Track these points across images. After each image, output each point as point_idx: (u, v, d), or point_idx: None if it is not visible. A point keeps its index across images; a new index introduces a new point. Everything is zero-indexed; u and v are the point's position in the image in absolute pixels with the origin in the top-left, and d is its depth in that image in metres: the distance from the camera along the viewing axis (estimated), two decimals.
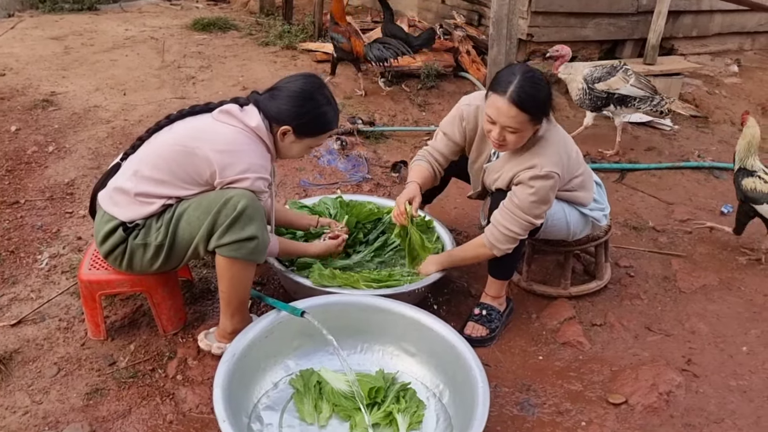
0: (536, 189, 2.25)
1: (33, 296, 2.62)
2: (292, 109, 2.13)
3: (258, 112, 2.14)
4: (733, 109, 5.28)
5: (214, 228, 2.05)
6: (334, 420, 2.08)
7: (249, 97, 2.21)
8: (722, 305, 2.84)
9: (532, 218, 2.31)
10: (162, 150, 2.10)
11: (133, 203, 2.10)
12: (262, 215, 2.09)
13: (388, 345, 2.34)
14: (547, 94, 2.22)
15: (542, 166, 2.25)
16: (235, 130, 2.09)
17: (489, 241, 2.36)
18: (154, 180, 2.09)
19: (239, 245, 2.05)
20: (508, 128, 2.20)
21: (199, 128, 2.11)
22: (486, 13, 5.63)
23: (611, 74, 4.11)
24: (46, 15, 7.16)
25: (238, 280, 2.15)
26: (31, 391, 2.16)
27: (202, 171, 2.06)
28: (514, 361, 2.47)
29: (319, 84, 2.20)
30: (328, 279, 2.41)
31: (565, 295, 2.81)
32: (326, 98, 2.19)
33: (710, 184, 4.08)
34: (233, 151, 2.06)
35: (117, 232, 2.13)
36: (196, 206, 2.08)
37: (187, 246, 2.12)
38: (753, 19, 6.53)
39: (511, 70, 2.22)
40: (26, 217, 3.16)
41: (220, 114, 2.12)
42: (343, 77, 5.13)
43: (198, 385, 2.21)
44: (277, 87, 2.20)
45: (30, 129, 4.06)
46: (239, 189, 2.05)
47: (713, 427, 2.15)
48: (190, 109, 2.19)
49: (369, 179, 3.74)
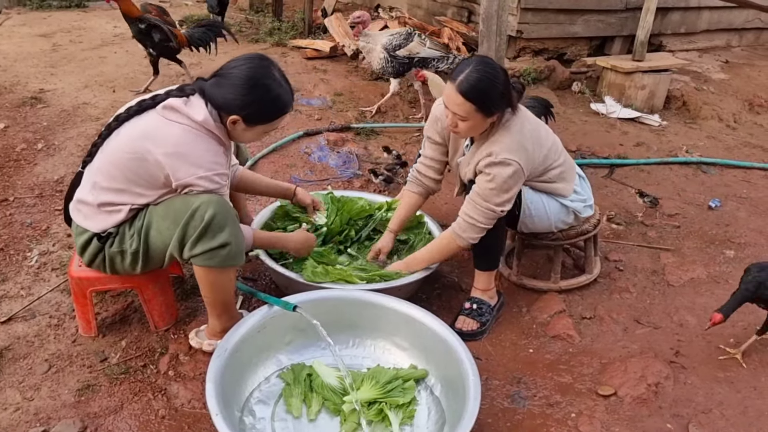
0: (493, 176, 2.28)
1: (23, 293, 2.61)
2: (238, 98, 2.00)
3: (204, 103, 2.03)
4: (720, 105, 5.32)
5: (185, 239, 2.01)
6: (324, 414, 2.09)
7: (194, 84, 2.09)
8: (710, 298, 2.87)
9: (493, 206, 2.33)
10: (114, 158, 2.03)
11: (99, 213, 2.08)
12: (233, 218, 2.04)
13: (379, 340, 2.36)
14: (500, 89, 2.23)
15: (497, 153, 2.29)
16: (182, 128, 1.98)
17: (453, 230, 2.40)
18: (113, 189, 2.04)
19: (212, 254, 2.01)
20: (457, 116, 2.26)
21: (146, 130, 2.00)
22: (476, 9, 5.64)
23: (408, 40, 4.33)
24: (33, 12, 7.12)
25: (218, 285, 2.14)
26: (22, 388, 2.16)
27: (156, 175, 2.00)
28: (505, 354, 2.49)
29: (267, 66, 2.05)
30: (321, 275, 2.41)
31: (555, 289, 2.83)
32: (276, 82, 2.04)
33: (698, 179, 4.11)
34: (182, 153, 1.97)
35: (93, 243, 2.12)
36: (165, 215, 2.03)
37: (163, 253, 2.10)
38: (741, 16, 6.60)
39: (469, 61, 2.27)
40: (15, 214, 3.15)
41: (164, 110, 2.00)
42: (333, 74, 5.14)
43: (190, 381, 2.21)
44: (222, 73, 2.05)
45: (18, 126, 4.04)
46: (204, 196, 1.99)
47: (701, 417, 2.18)
48: (137, 105, 2.05)
49: (360, 175, 3.75)
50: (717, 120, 5.17)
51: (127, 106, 2.10)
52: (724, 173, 4.24)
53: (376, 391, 2.10)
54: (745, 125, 5.18)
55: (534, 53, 5.74)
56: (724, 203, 3.77)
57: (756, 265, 2.42)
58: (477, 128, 2.32)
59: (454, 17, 6.14)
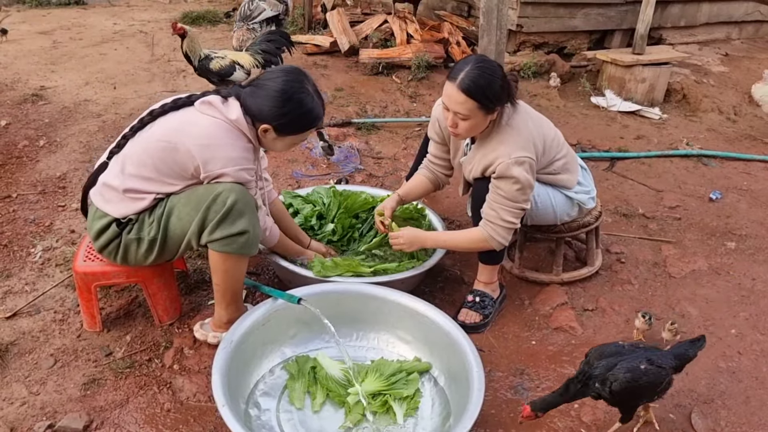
0: (516, 177, 2.29)
1: (27, 289, 2.62)
2: (272, 109, 2.08)
3: (239, 106, 2.10)
4: (720, 98, 5.33)
5: (205, 224, 2.05)
6: (328, 406, 2.10)
7: (231, 89, 2.17)
8: (711, 289, 2.88)
9: (522, 204, 2.36)
10: (146, 146, 2.09)
11: (123, 199, 2.11)
12: (252, 208, 2.09)
13: (383, 333, 2.37)
14: (499, 83, 2.24)
15: (510, 153, 2.29)
16: (215, 122, 2.05)
17: (490, 235, 2.38)
18: (141, 177, 2.08)
19: (230, 240, 2.06)
20: (458, 115, 2.26)
21: (181, 121, 2.08)
22: (476, 4, 5.65)
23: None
24: (33, 9, 7.11)
25: (231, 273, 2.16)
26: (28, 383, 2.17)
27: (186, 166, 2.05)
28: (508, 346, 2.50)
29: (301, 80, 2.12)
30: (331, 269, 2.42)
31: (558, 281, 2.84)
32: (309, 96, 2.11)
33: (699, 172, 4.12)
34: (213, 144, 2.03)
35: (111, 228, 2.13)
36: (186, 201, 2.08)
37: (180, 240, 2.13)
38: (740, 9, 6.59)
39: (467, 60, 2.27)
40: (19, 211, 3.16)
41: (201, 105, 2.09)
42: (333, 69, 5.14)
43: (195, 374, 2.22)
44: (259, 83, 2.13)
45: (20, 123, 4.05)
46: (228, 183, 2.04)
47: (703, 407, 2.19)
48: (173, 102, 2.13)
49: (361, 170, 3.76)
50: (717, 112, 5.17)
51: (162, 102, 2.15)
52: (725, 165, 4.24)
53: (381, 383, 2.12)
54: (745, 118, 5.18)
55: (534, 47, 5.74)
56: (725, 195, 3.78)
57: (597, 350, 1.97)
58: (477, 127, 2.32)
59: (453, 12, 6.14)
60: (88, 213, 2.23)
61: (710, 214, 3.56)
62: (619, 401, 1.90)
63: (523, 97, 4.95)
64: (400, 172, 3.77)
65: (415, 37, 5.50)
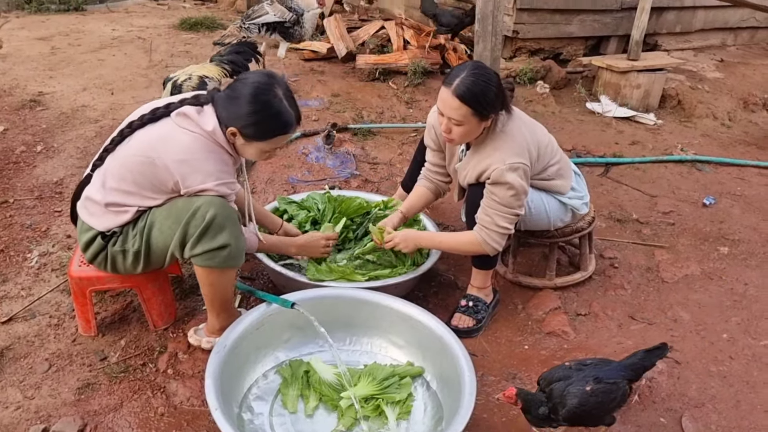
0: (510, 183, 2.31)
1: (23, 294, 2.63)
2: (238, 111, 2.02)
3: (214, 114, 2.06)
4: (715, 103, 5.35)
5: (186, 239, 2.04)
6: (321, 410, 2.12)
7: (208, 93, 2.11)
8: (704, 294, 2.90)
9: (517, 210, 2.38)
10: (124, 162, 2.06)
11: (106, 213, 2.11)
12: (234, 220, 2.07)
13: (376, 337, 2.38)
14: (494, 91, 2.26)
15: (504, 159, 2.31)
16: (193, 137, 2.02)
17: (484, 240, 2.39)
18: (122, 191, 2.07)
19: (212, 254, 2.04)
20: (453, 120, 2.28)
21: (159, 136, 2.03)
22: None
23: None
24: (32, 15, 7.13)
25: (218, 285, 2.17)
26: (22, 387, 2.18)
27: (165, 181, 2.03)
28: (501, 350, 2.51)
29: (271, 84, 2.04)
30: (326, 273, 2.44)
31: (551, 286, 2.86)
32: (278, 99, 2.03)
33: (693, 177, 4.14)
34: (191, 160, 2.00)
35: (96, 241, 2.15)
36: (167, 215, 2.06)
37: (164, 252, 2.13)
38: (735, 15, 6.63)
39: (463, 66, 2.29)
40: (15, 216, 3.17)
41: (178, 117, 2.04)
42: (330, 75, 5.17)
43: (189, 379, 2.23)
44: (232, 86, 2.08)
45: (18, 129, 4.06)
46: (207, 197, 2.02)
47: (694, 412, 2.21)
48: (151, 113, 2.07)
49: (357, 175, 3.78)
50: (712, 118, 5.20)
51: (140, 113, 2.11)
52: (719, 171, 4.27)
53: (373, 387, 2.13)
54: (739, 123, 5.21)
55: (530, 53, 5.77)
56: (719, 200, 3.80)
57: (546, 376, 1.94)
58: (471, 133, 2.34)
59: None
60: (77, 223, 2.24)
61: (704, 220, 3.58)
62: (578, 423, 1.91)
63: (519, 102, 4.98)
64: (395, 177, 3.79)
65: (411, 43, 5.53)
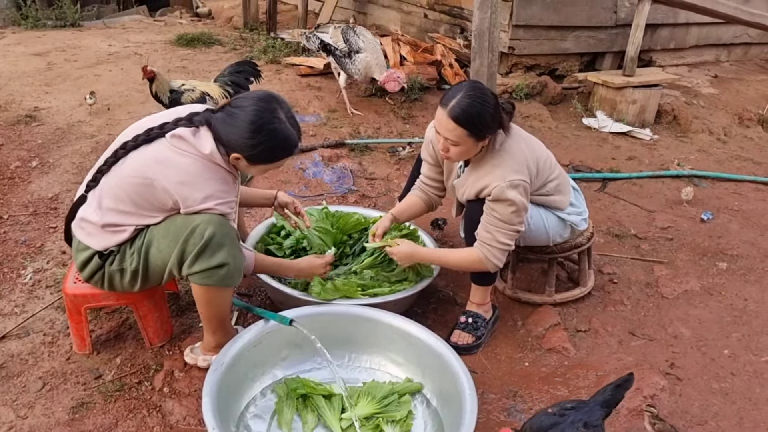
0: (511, 200, 2.30)
1: (17, 311, 2.59)
2: (243, 140, 1.99)
3: (211, 136, 2.03)
4: (710, 119, 5.38)
5: (184, 257, 2.02)
6: (320, 429, 2.08)
7: (202, 115, 2.07)
8: (704, 310, 2.89)
9: (517, 226, 2.37)
10: (119, 183, 2.04)
11: (103, 233, 2.08)
12: (232, 238, 2.05)
13: (375, 354, 2.36)
14: (490, 113, 2.25)
15: (504, 176, 2.31)
16: (191, 159, 2.00)
17: (486, 257, 2.38)
18: (119, 211, 2.05)
19: (210, 273, 2.02)
20: (449, 140, 2.27)
21: (155, 159, 2.01)
22: (468, 26, 5.70)
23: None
24: (28, 31, 7.14)
25: (215, 304, 2.14)
26: (15, 406, 2.14)
27: (164, 201, 2.01)
28: (501, 367, 2.49)
29: (273, 108, 2.02)
30: (332, 292, 2.41)
31: (550, 302, 2.84)
32: (282, 124, 2.02)
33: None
34: (190, 182, 1.99)
35: (93, 260, 2.12)
36: (165, 233, 2.04)
37: (162, 271, 2.11)
38: (728, 32, 6.69)
39: (460, 87, 2.29)
40: (9, 232, 3.14)
41: (173, 139, 2.01)
42: (327, 91, 5.17)
43: (185, 397, 2.20)
44: (230, 111, 2.03)
45: (13, 144, 4.04)
46: (206, 215, 2.00)
47: (697, 429, 2.18)
48: (145, 134, 2.04)
49: (354, 191, 3.77)
50: (707, 134, 5.22)
51: (134, 132, 2.08)
52: (716, 186, 4.28)
53: (373, 406, 2.10)
54: (735, 138, 5.24)
55: (526, 69, 5.79)
56: (716, 216, 3.80)
57: (530, 425, 1.88)
58: (468, 152, 2.34)
59: (446, 34, 6.20)
60: (72, 243, 2.21)
61: (702, 235, 3.58)
62: None
63: (516, 118, 4.98)
64: (393, 192, 3.78)
65: (408, 59, 5.55)
